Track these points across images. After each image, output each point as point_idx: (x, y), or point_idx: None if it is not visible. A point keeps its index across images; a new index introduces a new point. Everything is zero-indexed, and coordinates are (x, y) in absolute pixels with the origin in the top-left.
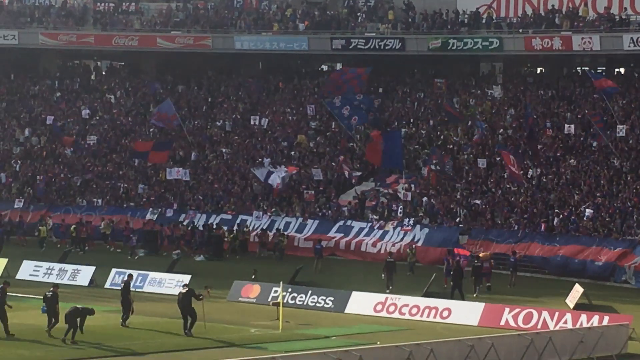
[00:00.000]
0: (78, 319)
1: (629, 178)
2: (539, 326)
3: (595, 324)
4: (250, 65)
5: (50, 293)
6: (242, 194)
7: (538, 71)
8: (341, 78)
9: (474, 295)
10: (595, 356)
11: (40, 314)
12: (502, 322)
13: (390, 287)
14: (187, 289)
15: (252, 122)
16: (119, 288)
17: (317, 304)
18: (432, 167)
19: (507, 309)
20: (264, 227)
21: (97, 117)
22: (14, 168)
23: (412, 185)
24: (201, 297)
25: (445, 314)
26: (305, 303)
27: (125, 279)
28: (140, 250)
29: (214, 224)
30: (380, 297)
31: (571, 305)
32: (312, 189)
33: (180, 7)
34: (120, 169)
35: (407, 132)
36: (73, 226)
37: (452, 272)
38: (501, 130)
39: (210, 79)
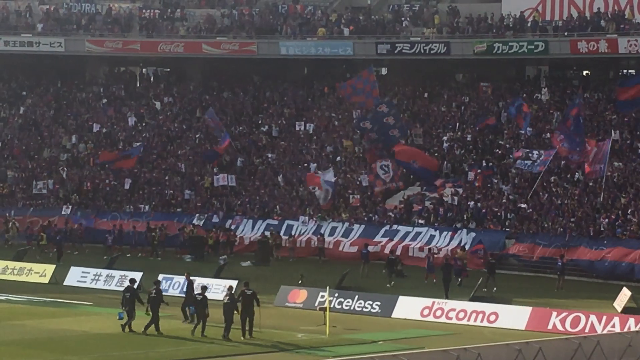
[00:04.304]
0: None
1: None
2: (586, 330)
3: None
4: (296, 71)
5: (200, 297)
6: (289, 199)
7: (584, 74)
8: (355, 90)
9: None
10: None
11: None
12: (550, 326)
13: (392, 283)
14: (251, 290)
15: (297, 128)
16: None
17: (364, 309)
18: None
19: (554, 313)
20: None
21: (144, 124)
22: (61, 175)
23: (459, 190)
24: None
25: (492, 318)
26: (352, 308)
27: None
28: (187, 255)
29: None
30: (427, 301)
31: (619, 309)
32: (358, 193)
33: (225, 13)
34: (166, 175)
35: (452, 136)
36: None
37: (442, 269)
38: (547, 134)
39: (256, 84)
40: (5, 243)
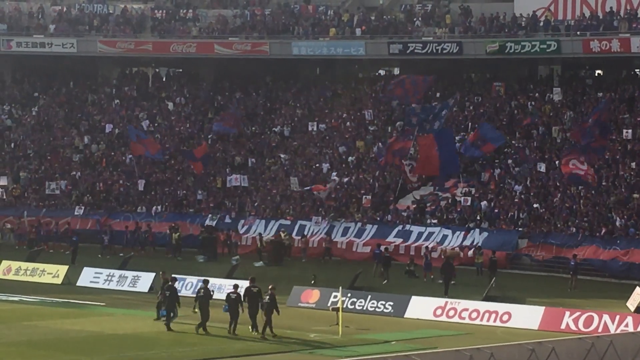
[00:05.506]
0: None
1: None
2: (599, 330)
3: None
4: (308, 71)
5: (235, 295)
6: (301, 200)
7: (596, 74)
8: (401, 85)
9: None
10: None
11: (222, 313)
12: (563, 326)
13: (386, 281)
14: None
15: (309, 128)
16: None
17: (377, 309)
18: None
19: (567, 313)
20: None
21: (156, 124)
22: (73, 175)
23: (471, 190)
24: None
25: (505, 318)
26: (364, 308)
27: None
28: (200, 256)
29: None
30: (440, 301)
31: (632, 309)
32: (369, 193)
33: (237, 14)
34: (178, 176)
35: (465, 136)
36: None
37: (441, 268)
38: (560, 133)
39: (268, 84)
40: None
